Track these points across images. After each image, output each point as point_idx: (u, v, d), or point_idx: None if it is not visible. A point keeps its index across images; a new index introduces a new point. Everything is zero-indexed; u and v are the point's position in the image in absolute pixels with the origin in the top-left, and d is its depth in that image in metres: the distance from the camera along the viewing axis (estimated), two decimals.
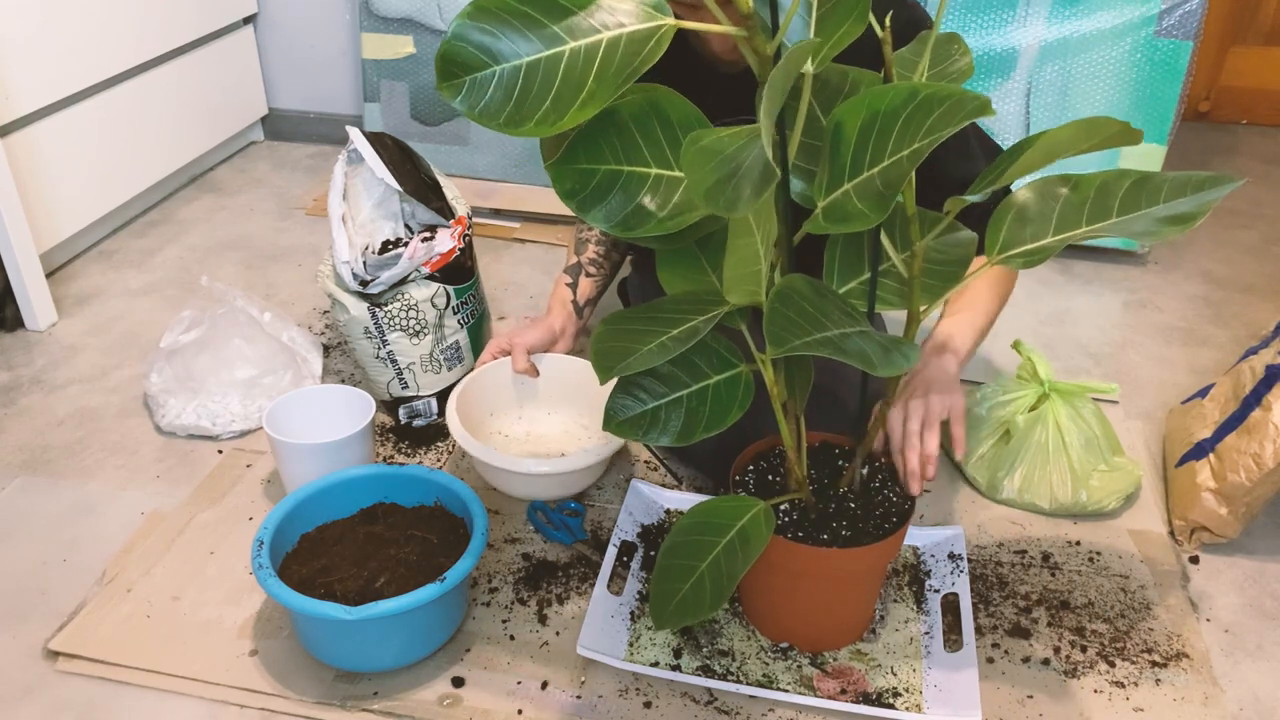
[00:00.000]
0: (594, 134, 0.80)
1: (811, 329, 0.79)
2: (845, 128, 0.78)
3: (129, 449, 1.38)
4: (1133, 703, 1.03)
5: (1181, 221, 0.77)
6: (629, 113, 0.80)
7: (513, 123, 0.69)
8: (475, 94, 0.68)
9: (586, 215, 0.81)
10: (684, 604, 0.93)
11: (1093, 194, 0.81)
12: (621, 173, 0.81)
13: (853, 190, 0.79)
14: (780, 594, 1.05)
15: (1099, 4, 1.78)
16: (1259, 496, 1.19)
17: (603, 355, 0.86)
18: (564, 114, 0.69)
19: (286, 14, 2.30)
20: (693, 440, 0.90)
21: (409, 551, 1.09)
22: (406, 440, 1.39)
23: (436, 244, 1.36)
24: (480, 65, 0.68)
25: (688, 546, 0.94)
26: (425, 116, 2.11)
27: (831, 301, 0.83)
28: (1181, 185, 0.79)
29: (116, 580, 1.15)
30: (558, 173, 0.81)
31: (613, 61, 0.69)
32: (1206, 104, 2.62)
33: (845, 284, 0.94)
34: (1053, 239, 0.82)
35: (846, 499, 1.03)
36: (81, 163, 1.81)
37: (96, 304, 1.73)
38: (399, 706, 1.01)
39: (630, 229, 0.81)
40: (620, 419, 0.92)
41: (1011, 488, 1.29)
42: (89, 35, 1.79)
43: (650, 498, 1.26)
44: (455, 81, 0.68)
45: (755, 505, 0.93)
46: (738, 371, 0.93)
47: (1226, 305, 1.81)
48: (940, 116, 0.72)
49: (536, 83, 0.69)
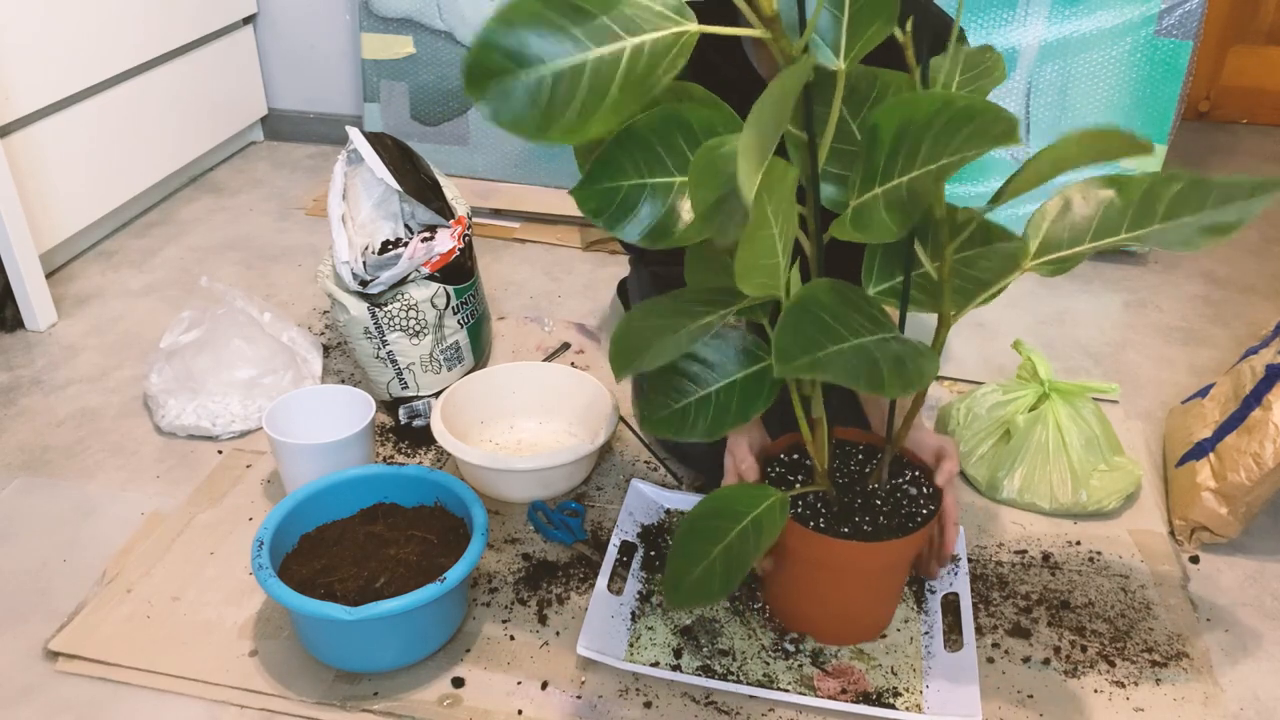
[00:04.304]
0: (613, 152, 0.81)
1: (826, 342, 0.79)
2: (881, 131, 0.78)
3: (129, 449, 1.38)
4: (1133, 703, 1.03)
5: (1222, 231, 0.74)
6: (648, 127, 0.80)
7: (539, 130, 0.68)
8: (501, 101, 0.68)
9: (617, 231, 0.82)
10: (696, 586, 0.94)
11: (1138, 198, 0.79)
12: (645, 186, 0.82)
13: (882, 195, 0.79)
14: (800, 584, 1.06)
15: (1099, 4, 1.78)
16: (1259, 496, 1.19)
17: (620, 353, 0.87)
18: (589, 121, 0.69)
19: (286, 14, 2.30)
20: (721, 434, 0.91)
21: (409, 551, 1.09)
22: (406, 440, 1.39)
23: (436, 244, 1.36)
24: (506, 72, 0.68)
25: (705, 530, 0.95)
26: (425, 116, 2.11)
27: (856, 307, 0.83)
28: (1232, 191, 0.76)
29: (116, 580, 1.15)
30: (581, 196, 0.82)
31: (636, 68, 0.69)
32: (1206, 104, 2.62)
33: (882, 284, 0.93)
34: (1088, 245, 0.80)
35: (873, 496, 1.04)
36: (81, 163, 1.81)
37: (96, 304, 1.73)
38: (399, 707, 1.01)
39: (660, 240, 0.82)
40: (655, 417, 0.93)
41: (1011, 488, 1.29)
42: (89, 35, 1.79)
43: (650, 498, 1.26)
44: (482, 87, 0.68)
45: (773, 494, 0.94)
46: (764, 366, 0.93)
47: (1226, 305, 1.81)
48: (971, 134, 0.72)
49: (562, 90, 0.68)
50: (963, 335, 1.68)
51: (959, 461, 1.10)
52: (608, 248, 1.94)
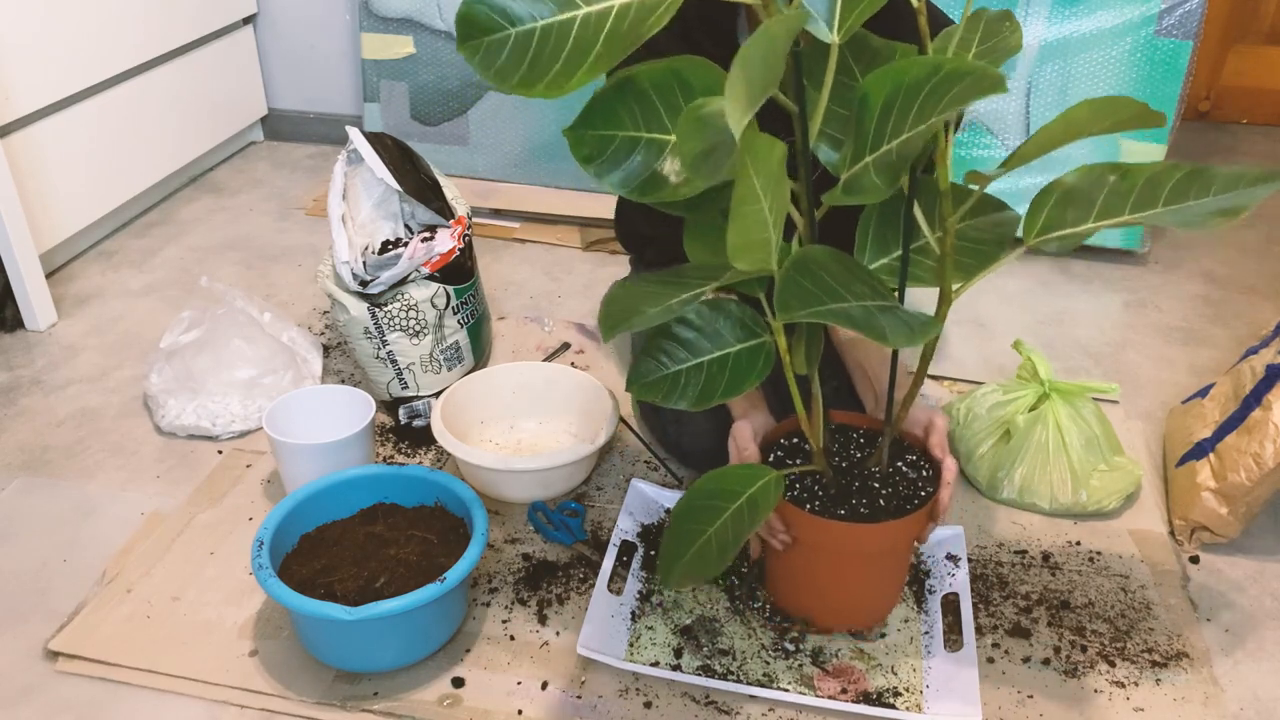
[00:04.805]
0: (612, 101, 0.81)
1: (827, 299, 0.78)
2: (871, 98, 0.78)
3: (129, 449, 1.38)
4: (1133, 703, 1.03)
5: (1228, 214, 0.75)
6: (650, 80, 0.80)
7: (525, 84, 0.70)
8: (490, 55, 0.69)
9: (603, 179, 0.82)
10: (691, 564, 0.94)
11: (1141, 183, 0.80)
12: (640, 139, 0.82)
13: (872, 163, 0.79)
14: (797, 568, 1.06)
15: (1099, 4, 1.78)
16: (1259, 496, 1.19)
17: (608, 315, 0.87)
18: (572, 75, 0.70)
19: (286, 14, 2.30)
20: (709, 404, 0.91)
21: (409, 551, 1.09)
22: (406, 440, 1.39)
23: (436, 244, 1.36)
24: (496, 28, 0.69)
25: (701, 510, 0.95)
26: (425, 116, 2.11)
27: (857, 275, 0.83)
28: (1233, 181, 0.77)
29: (116, 580, 1.15)
30: (575, 138, 0.82)
31: (622, 26, 0.70)
32: (1206, 104, 2.62)
33: (877, 260, 0.93)
34: (1093, 224, 0.81)
35: (872, 479, 1.03)
36: (81, 163, 1.81)
37: (96, 304, 1.73)
38: (399, 707, 1.01)
39: (646, 194, 0.82)
40: (643, 381, 0.93)
41: (1011, 488, 1.29)
42: (89, 35, 1.79)
43: (650, 498, 1.26)
44: (473, 43, 0.69)
45: (767, 474, 0.94)
46: (760, 341, 0.93)
47: (1226, 305, 1.81)
48: (958, 92, 0.72)
49: (549, 46, 0.70)
50: (963, 335, 1.68)
51: (948, 422, 1.09)
52: (608, 248, 1.95)
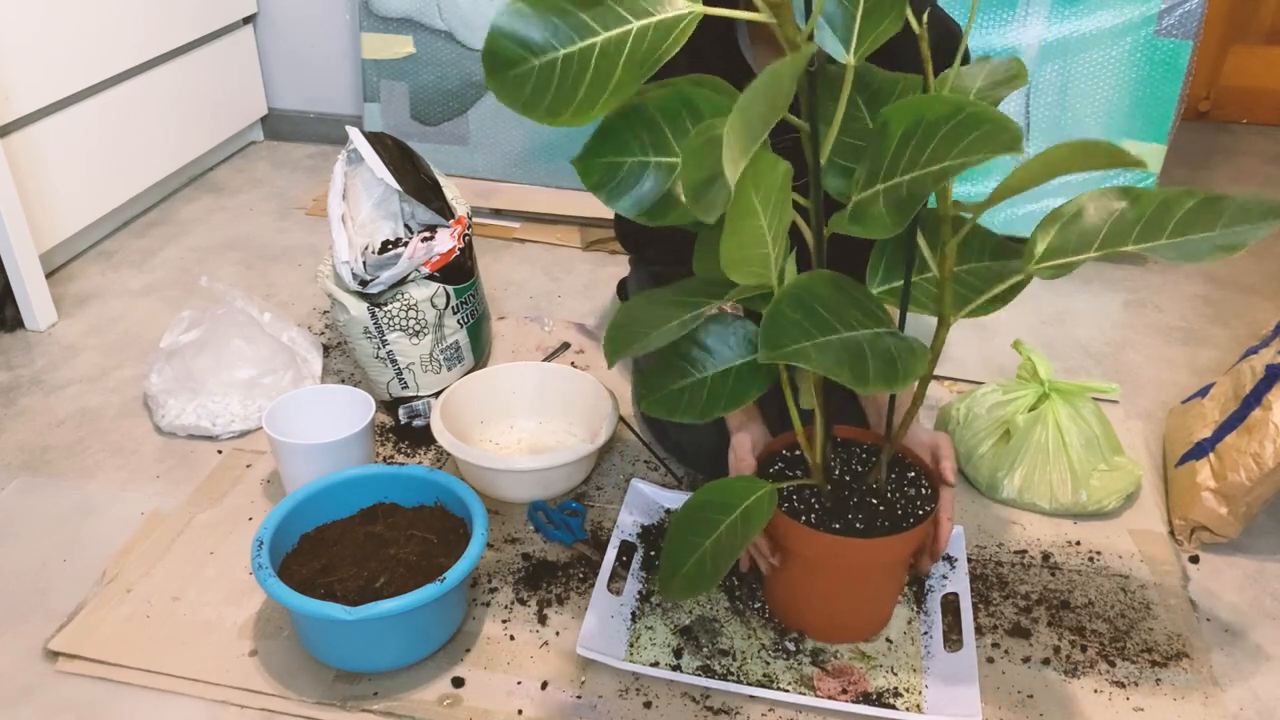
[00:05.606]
0: (619, 128, 0.82)
1: (817, 333, 0.79)
2: (891, 126, 0.79)
3: (129, 449, 1.38)
4: (1133, 703, 1.03)
5: (1228, 249, 0.74)
6: (657, 106, 0.81)
7: (551, 113, 0.70)
8: (516, 88, 0.70)
9: (615, 205, 0.83)
10: (688, 578, 0.95)
11: (1150, 211, 0.78)
12: (649, 164, 0.82)
13: (883, 192, 0.79)
14: (794, 581, 1.06)
15: (1099, 4, 1.78)
16: (1259, 496, 1.19)
17: (613, 340, 0.88)
18: (595, 103, 0.71)
19: (286, 14, 2.30)
20: (712, 417, 0.92)
21: (409, 551, 1.09)
22: (406, 440, 1.39)
23: (436, 244, 1.36)
24: (519, 60, 0.70)
25: (697, 523, 0.96)
26: (425, 116, 2.11)
27: (854, 301, 0.83)
28: (1246, 211, 0.75)
29: (116, 580, 1.15)
30: (584, 167, 0.83)
31: (640, 50, 0.71)
32: (1206, 104, 2.62)
33: (885, 284, 0.94)
34: (1093, 253, 0.80)
35: (871, 494, 1.04)
36: (81, 163, 1.81)
37: (96, 304, 1.73)
38: (399, 706, 1.01)
39: (657, 217, 0.83)
40: (651, 397, 0.94)
41: (1011, 488, 1.29)
42: (89, 35, 1.79)
43: (650, 498, 1.26)
44: (499, 77, 0.70)
45: (762, 487, 0.95)
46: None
47: (1226, 305, 1.81)
48: (974, 140, 0.72)
49: (571, 74, 0.70)
50: (963, 335, 1.68)
51: (955, 456, 1.10)
52: (608, 248, 1.94)
